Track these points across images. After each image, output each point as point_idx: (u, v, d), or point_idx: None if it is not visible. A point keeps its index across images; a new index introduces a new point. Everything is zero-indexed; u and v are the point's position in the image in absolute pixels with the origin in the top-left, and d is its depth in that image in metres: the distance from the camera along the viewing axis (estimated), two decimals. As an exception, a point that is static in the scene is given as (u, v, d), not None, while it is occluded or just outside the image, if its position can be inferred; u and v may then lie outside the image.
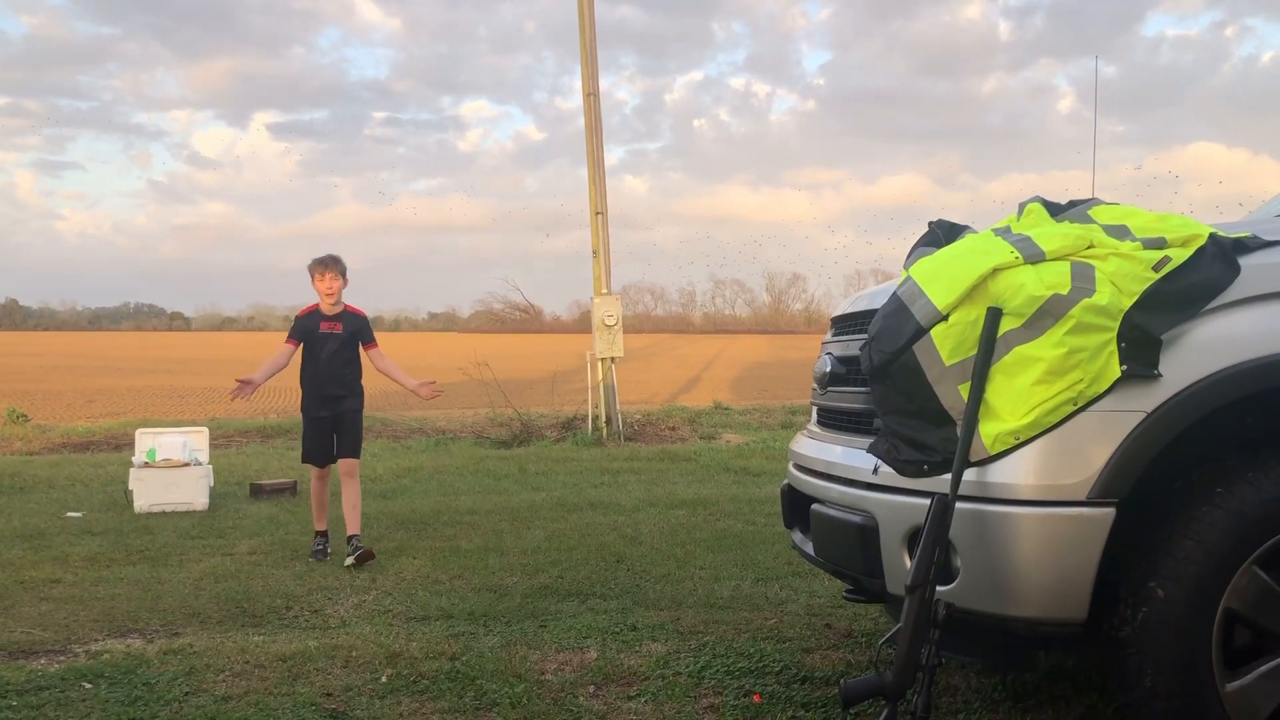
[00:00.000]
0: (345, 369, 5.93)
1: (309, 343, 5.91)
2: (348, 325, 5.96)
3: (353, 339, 5.95)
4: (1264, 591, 2.41)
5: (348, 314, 6.00)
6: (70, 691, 3.46)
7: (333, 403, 5.90)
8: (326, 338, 5.89)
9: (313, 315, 5.96)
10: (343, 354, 5.92)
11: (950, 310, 2.55)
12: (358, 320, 6.04)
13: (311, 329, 5.92)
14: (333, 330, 5.90)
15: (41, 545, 6.13)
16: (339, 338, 5.90)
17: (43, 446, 12.48)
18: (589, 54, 13.45)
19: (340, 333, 5.91)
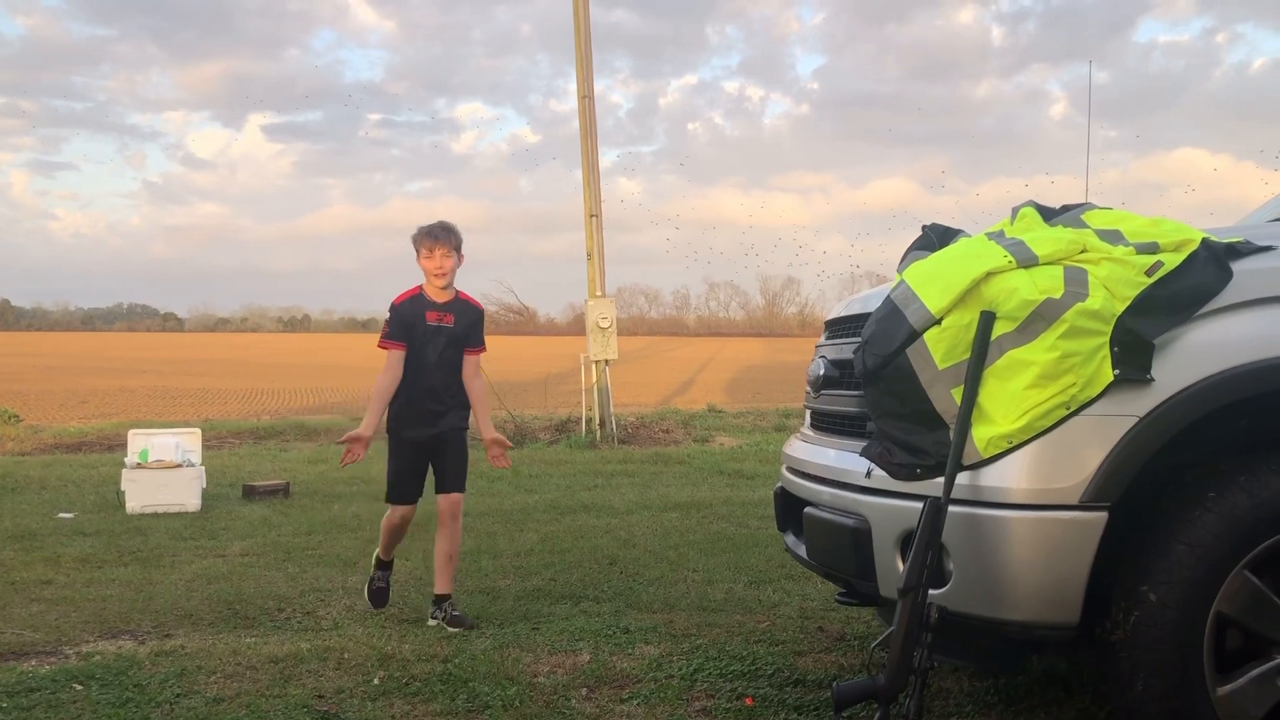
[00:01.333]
0: (455, 375, 4.55)
1: (411, 340, 4.49)
2: (461, 318, 4.56)
3: (464, 337, 4.56)
4: (1255, 596, 2.42)
5: (461, 303, 4.58)
6: (61, 693, 3.44)
7: (435, 419, 4.51)
8: (435, 333, 4.49)
9: (417, 302, 4.51)
10: (452, 355, 4.55)
11: (944, 314, 2.56)
12: (472, 313, 4.62)
13: (415, 321, 4.49)
14: (443, 323, 4.51)
15: (33, 546, 6.10)
16: (450, 333, 4.51)
17: (35, 447, 12.44)
18: (584, 57, 13.46)
19: (452, 327, 4.52)
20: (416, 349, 4.47)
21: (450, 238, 4.45)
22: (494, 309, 36.10)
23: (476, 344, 4.60)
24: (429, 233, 4.45)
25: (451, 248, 4.45)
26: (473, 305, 4.62)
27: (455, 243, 4.47)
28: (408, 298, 4.52)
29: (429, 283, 4.52)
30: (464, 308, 4.58)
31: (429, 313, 4.49)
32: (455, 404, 4.56)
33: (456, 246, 4.48)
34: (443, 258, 4.44)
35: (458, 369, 4.53)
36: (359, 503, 7.88)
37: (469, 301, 4.62)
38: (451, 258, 4.47)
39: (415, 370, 4.49)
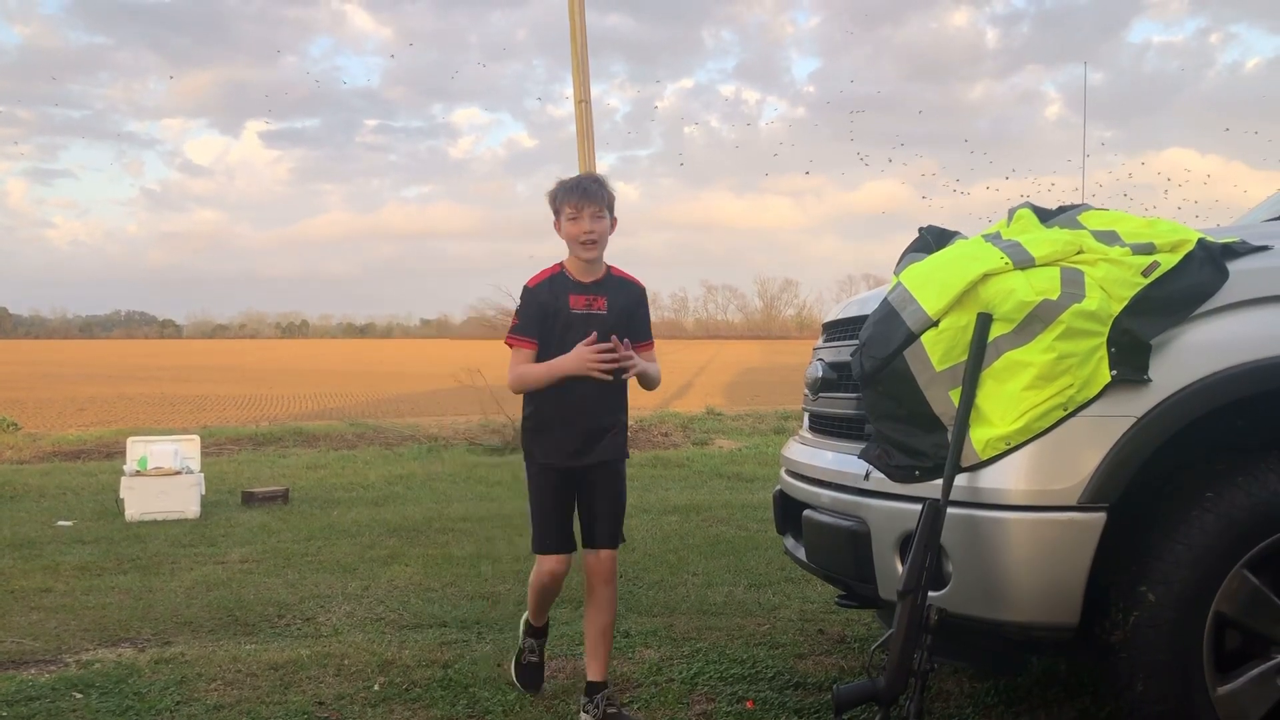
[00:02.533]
0: (613, 382, 3.33)
1: (548, 335, 3.34)
2: (617, 300, 3.39)
3: (623, 326, 3.35)
4: (1254, 595, 2.42)
5: (617, 281, 3.43)
6: (61, 701, 3.44)
7: (584, 444, 3.34)
8: (583, 322, 3.33)
9: (557, 283, 3.37)
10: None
11: (941, 316, 2.56)
12: (632, 293, 3.46)
13: (556, 307, 3.34)
14: (593, 309, 3.36)
15: (32, 554, 6.10)
16: (603, 322, 3.33)
17: (33, 455, 12.43)
18: (580, 61, 13.45)
19: (605, 314, 3.36)
20: (556, 346, 3.32)
21: (603, 193, 3.34)
22: (492, 314, 35.81)
23: (642, 335, 3.41)
24: (575, 188, 3.33)
25: (604, 206, 3.32)
26: (631, 283, 3.46)
27: (608, 200, 3.35)
28: (545, 278, 3.37)
29: (573, 256, 3.34)
30: (621, 287, 3.40)
31: (574, 296, 3.33)
32: (613, 423, 3.34)
33: (609, 205, 3.35)
34: (593, 219, 3.29)
35: (618, 372, 3.30)
36: (358, 508, 7.88)
37: (626, 279, 3.44)
38: (604, 219, 3.32)
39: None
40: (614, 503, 3.40)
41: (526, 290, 3.40)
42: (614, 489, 3.40)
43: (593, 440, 3.33)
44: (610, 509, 3.39)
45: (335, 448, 13.04)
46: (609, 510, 3.39)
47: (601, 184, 3.38)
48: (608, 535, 3.38)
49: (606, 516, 3.38)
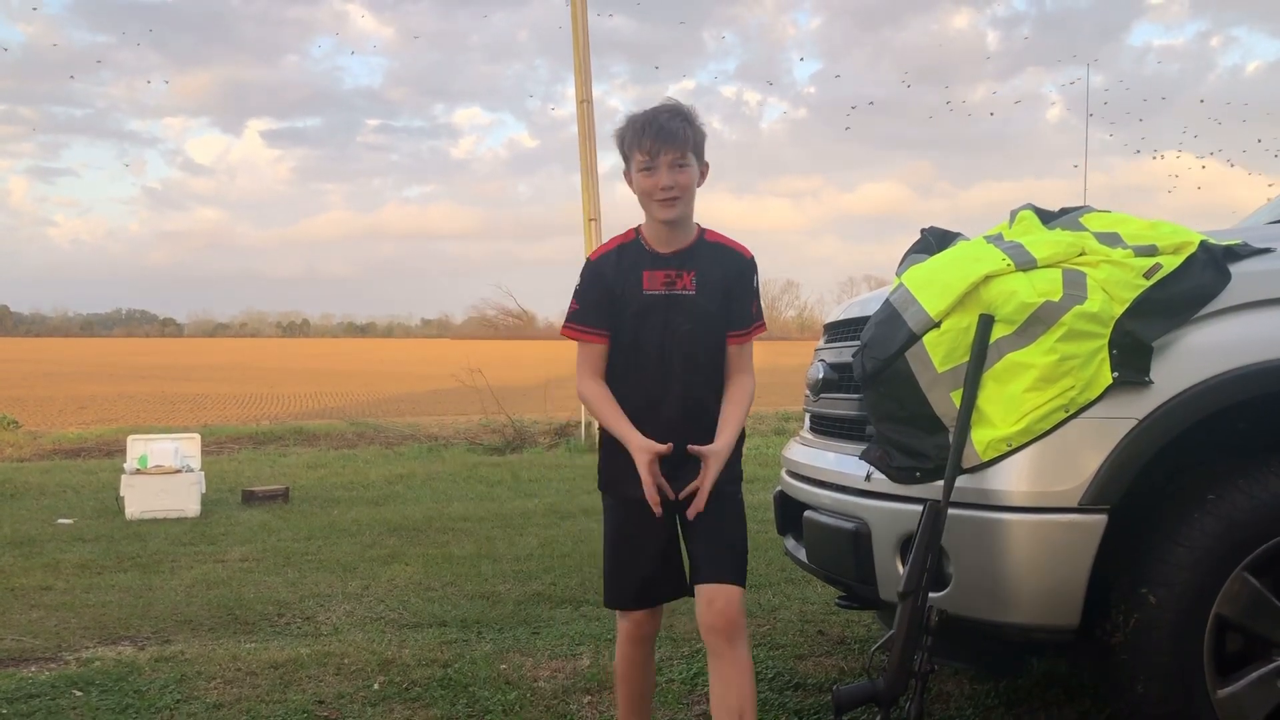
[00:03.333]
0: (708, 382, 2.59)
1: (620, 324, 2.57)
2: (711, 275, 2.57)
3: (719, 307, 2.57)
4: (1255, 597, 2.41)
5: (711, 248, 2.60)
6: (61, 699, 3.44)
7: (670, 466, 2.52)
8: (663, 307, 2.55)
9: (627, 254, 2.59)
10: (700, 344, 2.56)
11: (942, 317, 2.56)
12: (733, 263, 2.61)
13: (625, 288, 2.56)
14: (677, 288, 2.56)
15: (32, 552, 6.10)
16: (692, 307, 2.56)
17: (34, 453, 12.43)
18: (582, 61, 13.46)
19: (694, 293, 2.55)
20: (629, 340, 2.55)
21: (686, 132, 2.48)
22: (493, 313, 35.93)
23: (744, 320, 2.58)
24: (648, 126, 2.47)
25: (687, 150, 2.48)
26: (732, 250, 2.60)
27: (694, 141, 2.50)
28: (612, 248, 2.59)
29: (649, 218, 2.55)
30: (717, 256, 2.57)
31: (649, 273, 2.53)
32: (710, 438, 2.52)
33: (697, 148, 2.51)
34: (673, 168, 2.46)
35: (712, 369, 2.56)
36: (359, 508, 7.88)
37: (726, 245, 2.60)
38: (689, 168, 2.49)
39: (630, 377, 2.57)
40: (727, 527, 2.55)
41: (588, 265, 2.60)
42: (726, 510, 2.55)
43: (676, 466, 2.51)
44: (720, 535, 2.53)
45: (335, 447, 13.04)
46: (720, 538, 2.53)
47: (685, 119, 2.49)
48: (718, 566, 2.51)
49: (717, 545, 2.53)
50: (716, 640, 2.51)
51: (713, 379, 2.60)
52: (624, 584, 2.69)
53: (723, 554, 2.54)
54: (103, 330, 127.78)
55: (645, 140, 2.49)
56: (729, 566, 2.53)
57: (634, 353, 2.57)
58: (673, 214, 2.52)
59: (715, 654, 2.53)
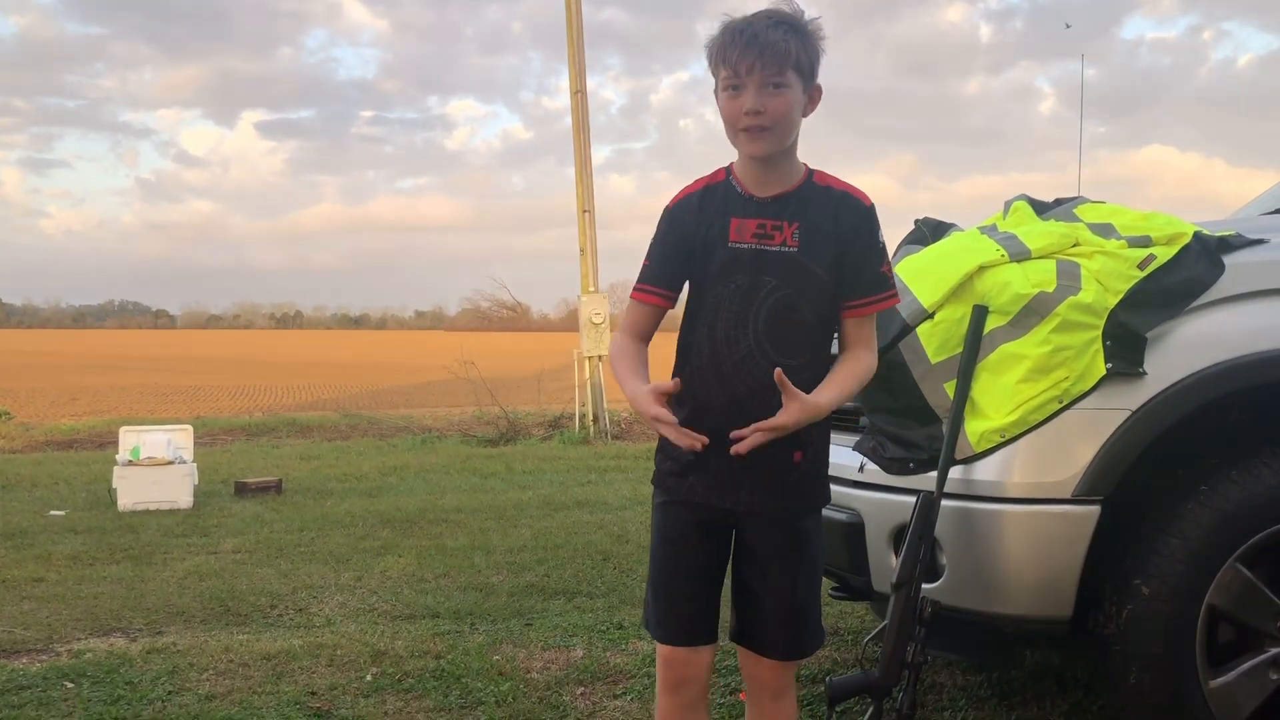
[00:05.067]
0: (805, 359, 2.03)
1: (701, 279, 2.07)
2: (820, 225, 2.02)
3: (828, 270, 2.02)
4: (1247, 588, 2.42)
5: (820, 194, 2.04)
6: (52, 691, 3.43)
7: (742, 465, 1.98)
8: (753, 262, 2.02)
9: (712, 198, 2.06)
10: (802, 312, 2.02)
11: (936, 308, 2.55)
12: (849, 212, 2.04)
13: (707, 237, 2.04)
14: (771, 242, 2.01)
15: (24, 544, 6.08)
16: (792, 265, 2.01)
17: (26, 444, 12.40)
18: (576, 51, 13.44)
19: (796, 250, 2.00)
20: (709, 302, 2.06)
21: (790, 44, 1.94)
22: (487, 305, 35.74)
23: (867, 285, 2.05)
24: (738, 36, 1.95)
25: (790, 69, 1.95)
26: (849, 196, 2.05)
27: (801, 60, 1.96)
28: (697, 189, 2.09)
29: (739, 153, 2.06)
30: (827, 203, 2.03)
31: (739, 220, 2.03)
32: (802, 439, 2.03)
33: (805, 69, 1.98)
34: (763, 89, 1.95)
35: (809, 351, 2.04)
36: (352, 499, 7.87)
37: (840, 189, 2.06)
38: (788, 91, 1.96)
39: (705, 350, 2.06)
40: (798, 577, 2.10)
41: (665, 212, 2.11)
42: (795, 549, 2.09)
43: (749, 466, 1.98)
44: (785, 584, 2.10)
45: (329, 439, 13.03)
46: (784, 588, 2.10)
47: (791, 29, 1.96)
48: (779, 632, 2.12)
49: (779, 598, 2.10)
50: (760, 694, 2.19)
51: (810, 366, 2.02)
52: (661, 607, 2.16)
53: (797, 607, 2.08)
54: (95, 322, 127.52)
55: (732, 51, 1.95)
56: (786, 639, 2.10)
57: (711, 322, 2.04)
58: (761, 148, 1.98)
59: (755, 702, 2.21)
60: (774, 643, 2.13)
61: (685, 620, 2.15)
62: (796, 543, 2.10)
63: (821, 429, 2.08)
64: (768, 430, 1.93)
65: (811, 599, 2.13)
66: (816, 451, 2.09)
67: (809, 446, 2.06)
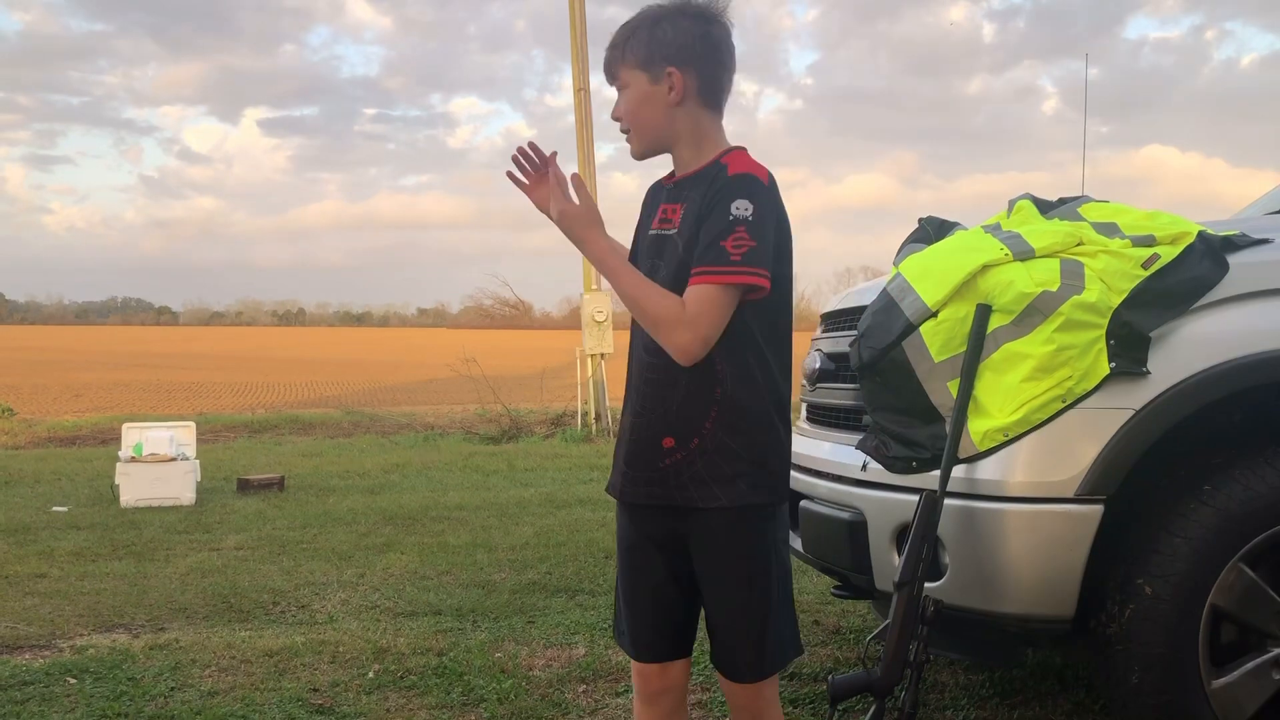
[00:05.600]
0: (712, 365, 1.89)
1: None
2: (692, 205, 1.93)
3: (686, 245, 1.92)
4: (1250, 588, 2.42)
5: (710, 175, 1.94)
6: (55, 686, 3.43)
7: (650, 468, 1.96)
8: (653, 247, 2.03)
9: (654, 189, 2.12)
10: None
11: (940, 307, 2.55)
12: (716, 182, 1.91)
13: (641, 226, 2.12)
14: (668, 226, 2.00)
15: (26, 540, 6.09)
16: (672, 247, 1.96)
17: (28, 441, 12.41)
18: (580, 48, 13.43)
19: (676, 230, 1.96)
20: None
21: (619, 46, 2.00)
22: (489, 303, 35.46)
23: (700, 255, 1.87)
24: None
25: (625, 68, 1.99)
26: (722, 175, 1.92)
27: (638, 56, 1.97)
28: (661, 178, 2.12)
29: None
30: (709, 179, 1.93)
31: (662, 206, 2.04)
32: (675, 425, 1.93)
33: (645, 62, 1.96)
34: (620, 99, 2.02)
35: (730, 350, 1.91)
36: (354, 496, 7.87)
37: (732, 169, 1.92)
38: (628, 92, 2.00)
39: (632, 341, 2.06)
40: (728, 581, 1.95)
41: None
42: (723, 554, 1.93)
43: (665, 471, 1.93)
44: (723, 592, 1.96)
45: (331, 436, 13.04)
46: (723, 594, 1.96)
47: (627, 31, 1.99)
48: (726, 645, 1.98)
49: (720, 606, 1.97)
50: (736, 717, 2.08)
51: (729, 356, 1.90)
52: (621, 618, 2.10)
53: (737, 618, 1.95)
54: (98, 318, 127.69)
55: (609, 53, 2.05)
56: (740, 658, 1.96)
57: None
58: (632, 149, 2.04)
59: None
60: (721, 662, 2.00)
61: (642, 630, 2.05)
62: (703, 546, 1.95)
63: (711, 421, 1.90)
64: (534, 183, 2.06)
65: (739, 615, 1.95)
66: (702, 446, 1.90)
67: (684, 436, 1.91)
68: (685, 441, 1.92)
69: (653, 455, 1.94)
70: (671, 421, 1.93)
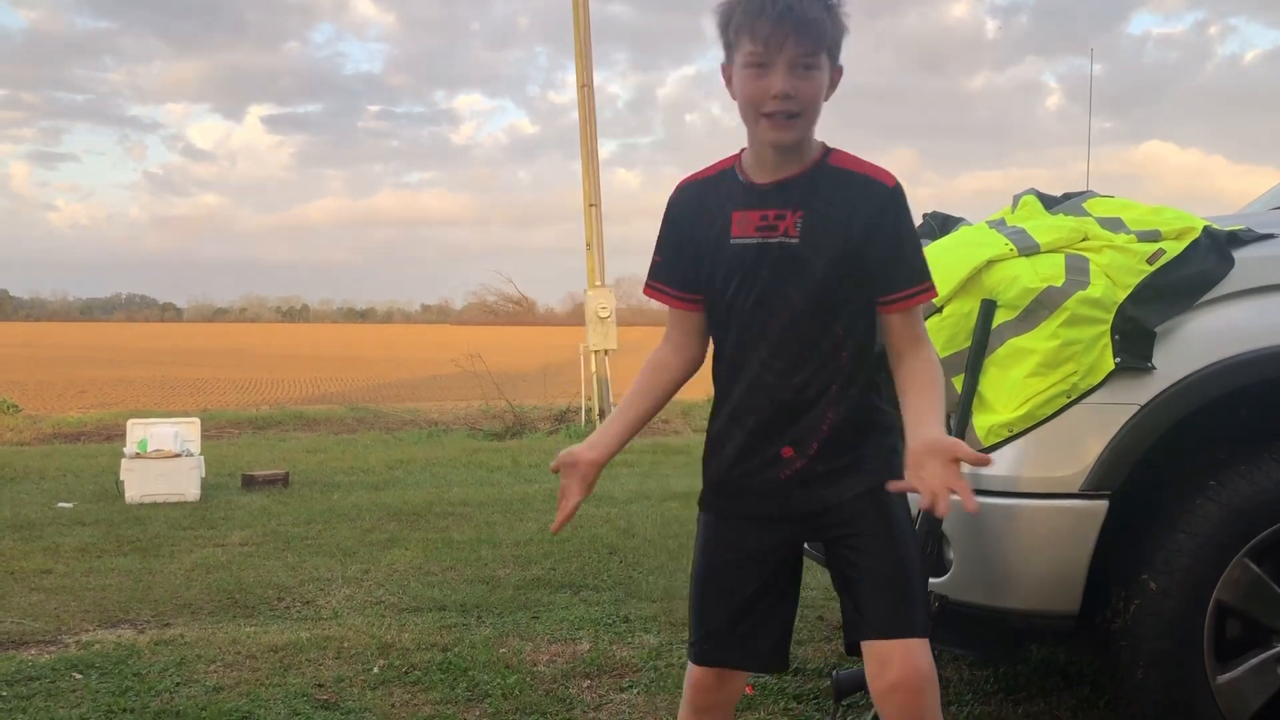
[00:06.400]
0: (823, 359, 1.86)
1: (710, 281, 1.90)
2: (829, 214, 1.80)
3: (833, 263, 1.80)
4: (1255, 584, 2.41)
5: (833, 175, 1.82)
6: (60, 682, 3.44)
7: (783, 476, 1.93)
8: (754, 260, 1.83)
9: (713, 188, 1.89)
10: (808, 312, 1.83)
11: (944, 302, 2.55)
12: (865, 197, 1.81)
13: (708, 233, 1.87)
14: (773, 234, 1.81)
15: (32, 536, 6.10)
16: (793, 259, 1.81)
17: (34, 437, 12.44)
18: (583, 44, 13.42)
19: (797, 241, 1.80)
20: (722, 304, 1.89)
21: (825, 22, 1.76)
22: (493, 299, 35.44)
23: (909, 278, 1.86)
24: (770, 4, 1.72)
25: (823, 51, 1.77)
26: (866, 179, 1.83)
27: (833, 38, 1.78)
28: (701, 177, 1.93)
29: (751, 138, 1.85)
30: (841, 186, 1.82)
31: (740, 213, 1.84)
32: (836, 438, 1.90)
33: (833, 49, 1.80)
34: (795, 71, 1.75)
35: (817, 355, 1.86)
36: (358, 492, 7.88)
37: (856, 172, 1.83)
38: (819, 74, 1.77)
39: (732, 352, 1.91)
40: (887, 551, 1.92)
41: (669, 201, 1.95)
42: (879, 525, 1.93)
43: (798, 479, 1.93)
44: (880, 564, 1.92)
45: (335, 432, 13.05)
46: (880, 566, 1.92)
47: (824, 2, 1.76)
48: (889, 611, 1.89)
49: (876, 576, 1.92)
50: (894, 700, 1.86)
51: (822, 373, 1.85)
52: (698, 626, 2.01)
53: (895, 588, 1.89)
54: (102, 315, 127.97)
55: (762, 24, 1.71)
56: (898, 612, 1.87)
57: (725, 327, 1.90)
58: (788, 136, 1.77)
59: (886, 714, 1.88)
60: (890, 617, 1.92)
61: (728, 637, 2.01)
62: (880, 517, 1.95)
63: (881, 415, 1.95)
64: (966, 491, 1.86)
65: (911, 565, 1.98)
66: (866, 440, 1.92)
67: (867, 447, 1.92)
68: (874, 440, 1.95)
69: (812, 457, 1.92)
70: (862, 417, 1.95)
